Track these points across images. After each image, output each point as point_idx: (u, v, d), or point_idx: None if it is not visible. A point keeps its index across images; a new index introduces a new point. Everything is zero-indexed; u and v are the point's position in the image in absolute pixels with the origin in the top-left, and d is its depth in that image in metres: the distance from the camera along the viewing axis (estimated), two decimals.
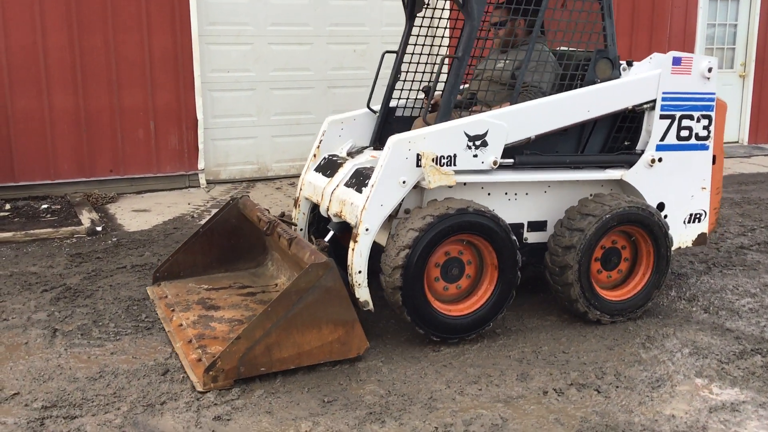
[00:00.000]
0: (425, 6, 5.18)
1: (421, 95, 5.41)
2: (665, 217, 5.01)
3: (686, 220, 5.14)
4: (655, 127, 4.86)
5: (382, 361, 4.23)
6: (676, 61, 4.81)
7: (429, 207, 4.30)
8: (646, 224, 4.69)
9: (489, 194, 4.67)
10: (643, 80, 4.83)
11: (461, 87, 4.79)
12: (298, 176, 9.30)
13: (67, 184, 8.08)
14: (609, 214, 4.56)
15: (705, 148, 5.04)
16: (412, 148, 4.26)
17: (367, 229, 4.22)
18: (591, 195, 4.80)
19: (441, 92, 4.66)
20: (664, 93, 4.82)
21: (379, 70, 5.33)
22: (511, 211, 4.75)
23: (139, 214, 7.54)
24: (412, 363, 4.23)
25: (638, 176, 4.89)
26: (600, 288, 4.77)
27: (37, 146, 7.89)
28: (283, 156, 9.33)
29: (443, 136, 4.34)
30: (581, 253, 4.54)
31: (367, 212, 4.23)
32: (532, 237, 4.87)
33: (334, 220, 4.68)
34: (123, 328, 4.67)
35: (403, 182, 4.26)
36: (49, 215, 7.33)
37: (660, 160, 4.91)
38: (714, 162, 5.14)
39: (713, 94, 4.98)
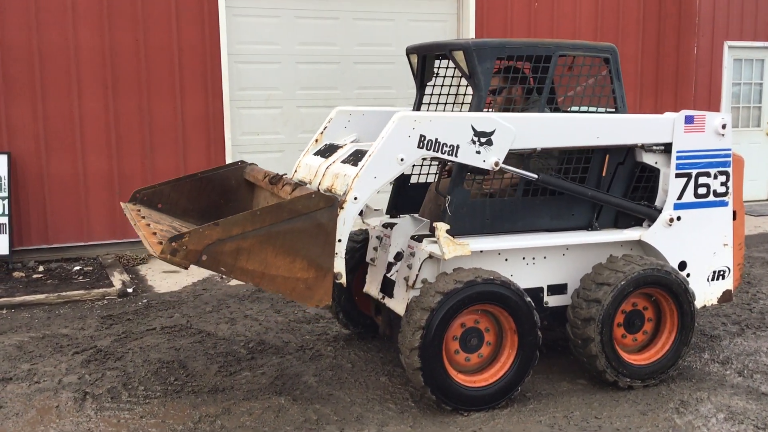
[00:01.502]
0: (435, 75, 5.31)
1: (435, 162, 5.50)
2: (688, 275, 4.98)
3: (710, 278, 5.10)
4: (671, 185, 4.87)
5: (411, 426, 4.23)
6: (689, 120, 4.85)
7: (439, 281, 4.29)
8: (663, 284, 4.67)
9: (506, 260, 4.70)
10: (657, 119, 4.87)
11: None
12: None
13: (100, 245, 8.29)
14: (624, 281, 4.53)
15: (724, 204, 5.03)
16: (417, 128, 4.24)
17: (355, 198, 4.12)
18: (609, 257, 4.78)
19: None
20: (678, 152, 4.85)
21: None
22: (530, 275, 4.76)
23: (169, 275, 7.69)
24: (441, 428, 4.22)
25: (657, 236, 4.88)
26: (626, 353, 4.73)
27: (71, 208, 8.14)
28: None
29: (450, 124, 4.32)
30: (602, 324, 4.51)
31: (359, 180, 4.15)
32: (552, 301, 4.87)
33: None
34: (152, 391, 4.75)
35: (401, 160, 4.23)
36: (81, 277, 7.53)
37: (679, 218, 4.91)
38: (735, 217, 5.12)
39: (729, 150, 5.00)
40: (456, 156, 4.34)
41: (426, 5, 9.72)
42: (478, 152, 4.38)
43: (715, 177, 4.98)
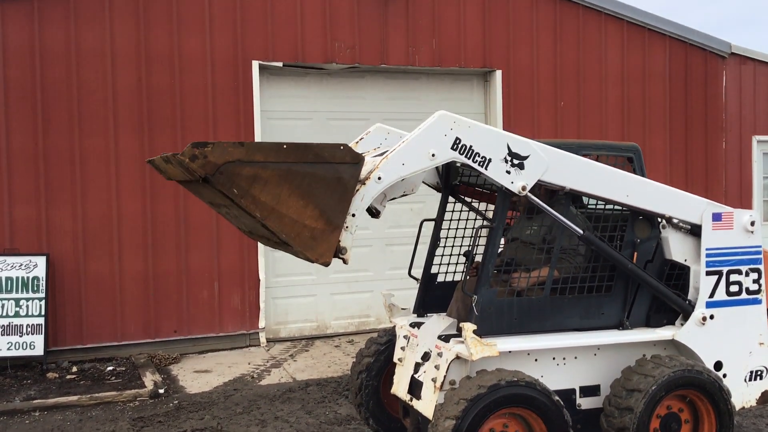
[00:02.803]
0: (460, 175, 5.40)
1: (462, 260, 5.52)
2: (724, 376, 4.85)
3: (747, 378, 4.96)
4: (702, 283, 4.81)
5: None
6: (716, 217, 4.83)
7: (462, 387, 4.22)
8: (696, 384, 4.54)
9: (536, 360, 4.63)
10: (688, 196, 4.87)
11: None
12: (357, 333, 9.40)
13: (133, 345, 8.36)
14: (655, 386, 4.42)
15: (758, 302, 4.94)
16: (455, 129, 4.25)
17: (379, 178, 4.07)
18: (638, 360, 4.67)
19: (482, 254, 4.76)
20: (707, 249, 4.81)
21: (418, 238, 5.49)
22: (561, 376, 4.67)
23: (200, 375, 7.69)
24: None
25: (691, 335, 4.79)
26: None
27: (106, 309, 8.26)
28: (341, 313, 9.47)
29: (488, 136, 4.34)
30: None
31: (387, 162, 4.11)
32: (585, 403, 4.75)
33: None
34: None
35: (432, 155, 4.22)
36: (113, 377, 7.56)
37: (711, 317, 4.82)
38: None
39: (759, 247, 4.94)
40: (486, 169, 4.35)
41: (454, 105, 9.95)
42: (508, 172, 4.38)
43: (747, 274, 4.91)
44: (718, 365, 4.86)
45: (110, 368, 7.87)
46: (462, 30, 9.74)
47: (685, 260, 4.89)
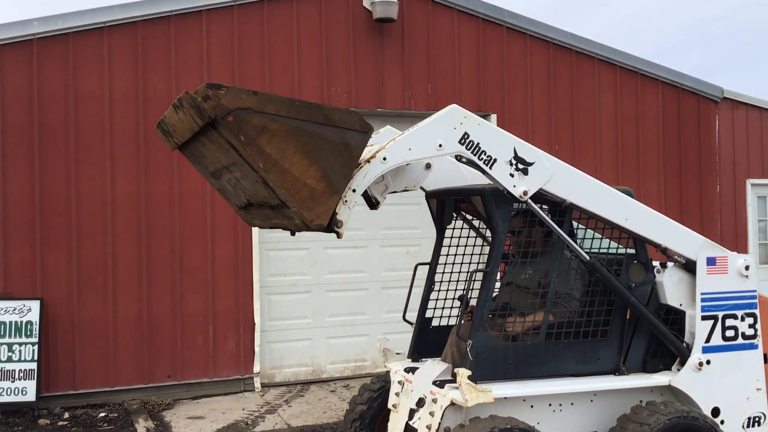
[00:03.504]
0: (454, 219, 5.41)
1: (457, 303, 5.50)
2: (722, 422, 4.80)
3: (745, 425, 4.91)
4: (698, 328, 4.79)
5: None
6: (711, 261, 4.83)
7: None
8: (692, 431, 4.49)
9: (532, 406, 4.58)
10: (686, 231, 4.91)
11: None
12: (353, 378, 9.31)
13: (126, 390, 8.26)
14: None
15: (754, 347, 4.91)
16: (464, 123, 4.32)
17: (384, 158, 4.14)
18: (633, 408, 4.63)
19: (477, 299, 4.75)
20: (702, 293, 4.80)
21: (413, 282, 5.48)
22: (558, 423, 4.63)
23: (194, 421, 7.59)
24: None
25: (687, 381, 4.75)
26: None
27: (99, 354, 8.17)
28: (337, 357, 9.39)
29: (496, 136, 4.42)
30: None
31: (394, 144, 4.19)
32: None
33: None
34: None
35: (440, 146, 4.28)
36: (106, 424, 7.45)
37: (708, 362, 4.79)
38: (766, 361, 4.98)
39: (754, 291, 4.93)
40: (490, 168, 4.40)
41: None
42: (512, 175, 4.44)
43: (743, 319, 4.89)
44: (716, 411, 4.81)
45: (102, 414, 7.76)
46: (457, 74, 9.85)
47: (681, 304, 4.88)
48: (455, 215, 5.41)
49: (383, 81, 9.46)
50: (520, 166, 4.46)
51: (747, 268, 4.90)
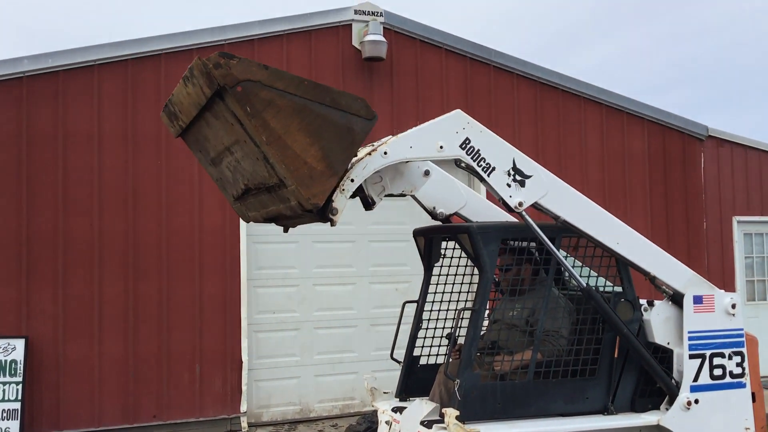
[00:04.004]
0: (442, 257, 5.41)
1: (445, 342, 5.48)
2: None
3: None
4: (686, 367, 4.78)
5: None
6: (698, 300, 4.84)
7: None
8: None
9: None
10: (676, 263, 4.94)
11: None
12: (341, 417, 9.22)
13: (111, 430, 8.13)
14: None
15: (742, 386, 4.90)
16: (467, 129, 4.39)
17: (385, 153, 4.20)
18: None
19: (464, 337, 4.73)
20: (690, 332, 4.80)
21: (400, 320, 5.45)
22: None
23: None
24: None
25: (676, 420, 4.72)
26: None
27: (84, 393, 8.08)
28: (326, 396, 9.31)
29: (497, 145, 4.46)
30: None
31: (396, 140, 4.26)
32: None
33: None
34: None
35: (441, 147, 4.34)
36: None
37: (696, 401, 4.76)
38: (754, 399, 4.97)
39: (741, 330, 4.94)
40: (488, 176, 4.44)
41: None
42: (509, 185, 4.48)
43: (730, 358, 4.88)
44: None
45: None
46: (446, 112, 9.90)
47: (668, 343, 4.87)
48: (443, 250, 5.41)
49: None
50: (518, 178, 4.51)
51: (734, 306, 4.91)
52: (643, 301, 4.97)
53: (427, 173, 4.64)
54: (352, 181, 4.12)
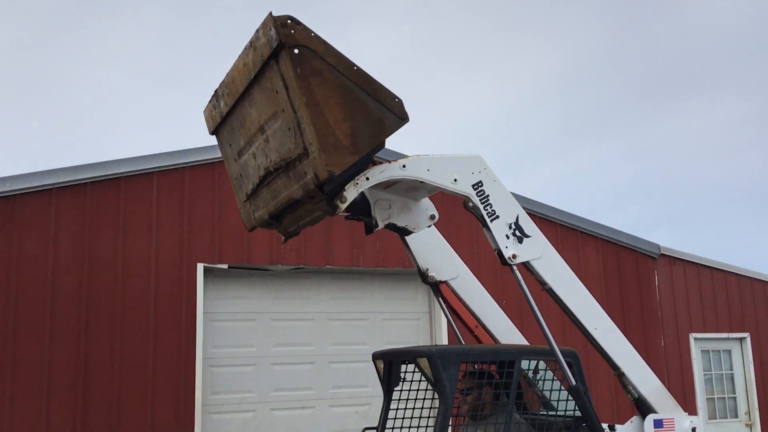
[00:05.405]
0: (402, 381, 5.34)
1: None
2: None
3: None
4: None
5: None
6: (658, 424, 4.82)
7: None
8: None
9: None
10: (647, 368, 4.96)
11: None
12: None
13: None
14: None
15: None
16: (482, 173, 4.53)
17: (404, 166, 4.32)
18: None
19: None
20: None
21: None
22: None
23: None
24: None
25: None
26: None
27: None
28: None
29: (505, 198, 4.57)
30: None
31: (417, 160, 4.37)
32: None
33: None
34: None
35: (454, 180, 4.43)
36: None
37: None
38: None
39: None
40: (491, 221, 4.53)
41: (399, 305, 10.06)
42: (508, 237, 4.57)
43: None
44: None
45: None
46: None
47: None
48: (403, 374, 5.34)
49: (332, 238, 9.58)
50: (518, 234, 4.63)
51: (694, 430, 4.90)
52: (604, 425, 4.93)
53: (433, 217, 4.82)
54: (368, 179, 4.26)
